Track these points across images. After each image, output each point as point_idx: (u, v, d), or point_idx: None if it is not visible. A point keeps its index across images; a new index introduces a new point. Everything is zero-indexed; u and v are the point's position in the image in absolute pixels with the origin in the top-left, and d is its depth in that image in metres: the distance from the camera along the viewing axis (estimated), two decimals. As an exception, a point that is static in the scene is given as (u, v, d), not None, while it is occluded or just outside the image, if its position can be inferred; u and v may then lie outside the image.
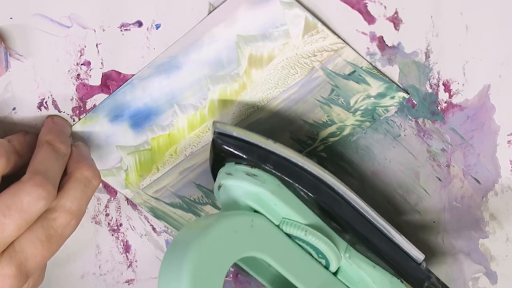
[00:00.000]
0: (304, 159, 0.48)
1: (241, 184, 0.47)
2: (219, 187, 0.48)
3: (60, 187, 0.46)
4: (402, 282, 0.51)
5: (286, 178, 0.47)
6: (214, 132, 0.48)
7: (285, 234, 0.47)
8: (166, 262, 0.43)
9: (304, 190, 0.47)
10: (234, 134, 0.47)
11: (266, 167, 0.47)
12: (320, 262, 0.49)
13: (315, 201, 0.48)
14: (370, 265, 0.50)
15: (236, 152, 0.47)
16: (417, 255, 0.50)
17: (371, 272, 0.50)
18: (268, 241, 0.46)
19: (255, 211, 0.47)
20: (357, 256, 0.49)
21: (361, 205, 0.49)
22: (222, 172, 0.48)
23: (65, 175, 0.47)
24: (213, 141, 0.48)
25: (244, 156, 0.47)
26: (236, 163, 0.48)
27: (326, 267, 0.49)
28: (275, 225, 0.47)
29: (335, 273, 0.50)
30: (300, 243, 0.48)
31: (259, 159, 0.47)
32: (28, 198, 0.42)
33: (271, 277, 0.53)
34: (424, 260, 0.51)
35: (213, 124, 0.48)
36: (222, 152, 0.48)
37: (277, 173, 0.47)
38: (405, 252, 0.50)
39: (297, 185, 0.47)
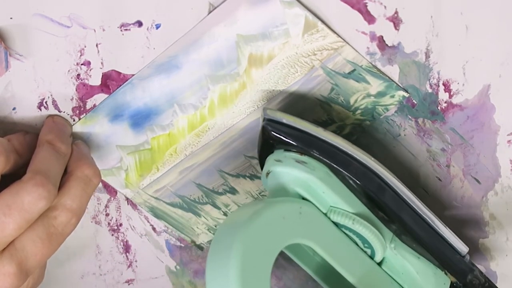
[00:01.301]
0: (354, 147, 0.48)
1: (290, 171, 0.47)
2: (268, 173, 0.48)
3: (60, 186, 0.46)
4: (446, 274, 0.51)
5: (335, 166, 0.47)
6: (264, 119, 0.48)
7: (332, 222, 0.47)
8: (215, 246, 0.43)
9: (353, 178, 0.47)
10: (284, 121, 0.47)
11: (316, 155, 0.47)
12: (365, 252, 0.49)
13: (363, 190, 0.48)
14: (415, 256, 0.50)
15: (286, 139, 0.47)
16: (462, 247, 0.50)
17: (416, 263, 0.50)
18: (316, 228, 0.46)
19: (303, 198, 0.47)
20: (402, 247, 0.49)
21: (408, 195, 0.49)
22: (271, 158, 0.48)
23: (65, 173, 0.47)
24: (263, 127, 0.48)
25: (294, 143, 0.47)
26: (285, 150, 0.48)
27: (371, 257, 0.49)
28: (323, 213, 0.47)
29: (379, 263, 0.50)
30: (347, 232, 0.48)
31: (308, 146, 0.47)
32: (29, 197, 0.42)
33: (315, 266, 0.53)
34: (468, 253, 0.51)
35: (263, 111, 0.48)
36: (271, 139, 0.48)
37: (326, 160, 0.47)
38: (450, 244, 0.50)
39: (346, 173, 0.47)
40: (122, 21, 0.48)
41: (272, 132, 0.47)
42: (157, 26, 0.49)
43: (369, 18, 0.50)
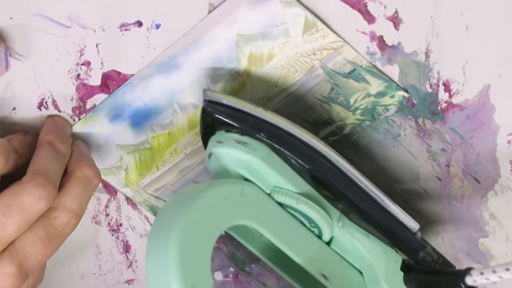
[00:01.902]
0: (295, 126, 0.47)
1: (231, 152, 0.46)
2: (210, 155, 0.47)
3: (60, 186, 0.46)
4: (397, 252, 0.50)
5: (277, 146, 0.46)
6: (204, 100, 0.47)
7: (277, 202, 0.47)
8: (155, 228, 0.42)
9: (295, 158, 0.47)
10: (224, 101, 0.47)
11: (257, 135, 0.46)
12: (312, 232, 0.48)
13: (306, 169, 0.47)
14: (364, 234, 0.49)
15: (226, 119, 0.47)
16: (412, 224, 0.50)
17: (365, 241, 0.49)
18: (259, 209, 0.46)
19: (246, 179, 0.47)
20: (350, 225, 0.49)
21: (354, 173, 0.48)
22: (212, 140, 0.47)
23: (65, 174, 0.47)
24: (203, 109, 0.47)
25: (234, 124, 0.47)
26: (226, 131, 0.47)
27: (319, 237, 0.49)
28: (266, 193, 0.47)
29: (328, 243, 0.49)
30: (292, 212, 0.47)
31: (249, 126, 0.46)
32: (29, 198, 0.42)
33: (262, 246, 0.52)
34: (419, 229, 0.50)
35: (203, 92, 0.48)
36: (212, 120, 0.47)
37: (268, 141, 0.46)
38: (400, 222, 0.49)
39: (288, 153, 0.46)
40: (122, 21, 0.48)
41: (213, 114, 0.47)
42: (157, 26, 0.49)
43: (369, 18, 0.50)
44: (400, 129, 0.54)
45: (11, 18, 0.47)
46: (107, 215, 0.56)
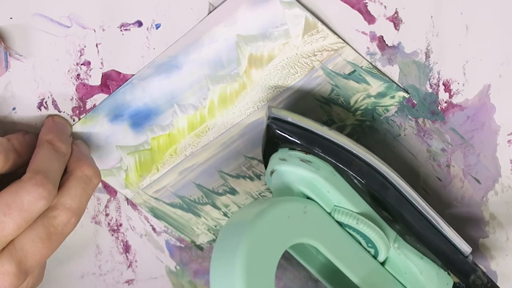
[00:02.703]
0: (359, 146, 0.47)
1: (295, 170, 0.46)
2: (272, 172, 0.48)
3: (60, 185, 0.46)
4: (449, 274, 0.51)
5: (340, 165, 0.47)
6: (269, 117, 0.47)
7: (336, 221, 0.47)
8: (220, 247, 0.43)
9: (357, 177, 0.47)
10: (289, 119, 0.47)
11: (320, 154, 0.47)
12: (369, 251, 0.49)
13: (367, 189, 0.47)
14: (418, 256, 0.49)
15: (290, 137, 0.47)
16: (465, 248, 0.50)
17: (419, 263, 0.49)
18: (320, 228, 0.46)
19: (308, 197, 0.47)
20: (405, 247, 0.49)
21: (412, 195, 0.48)
22: (275, 157, 0.48)
23: (65, 173, 0.47)
24: (268, 126, 0.47)
25: (299, 142, 0.47)
26: (290, 148, 0.47)
27: (375, 257, 0.49)
28: (327, 212, 0.47)
29: (383, 263, 0.50)
30: (351, 231, 0.48)
31: (313, 145, 0.47)
32: (29, 197, 0.42)
33: (319, 265, 0.53)
34: (471, 253, 0.51)
35: (268, 109, 0.48)
36: (276, 138, 0.47)
37: (331, 159, 0.47)
38: (453, 244, 0.50)
39: (350, 172, 0.47)
40: (122, 21, 0.48)
41: (277, 131, 0.47)
42: (157, 26, 0.49)
43: (369, 18, 0.50)
44: (400, 129, 0.54)
45: (11, 18, 0.47)
46: (107, 215, 0.56)
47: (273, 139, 0.48)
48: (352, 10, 0.49)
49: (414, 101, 0.53)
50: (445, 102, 0.53)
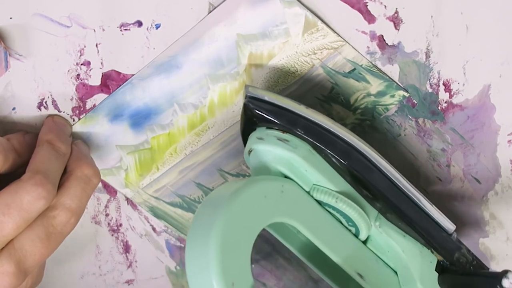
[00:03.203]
0: (337, 125, 0.47)
1: (272, 149, 0.46)
2: (250, 151, 0.47)
3: (60, 185, 0.46)
4: (433, 252, 0.50)
5: (318, 144, 0.46)
6: (246, 96, 0.47)
7: (316, 200, 0.47)
8: (195, 225, 0.42)
9: (336, 156, 0.46)
10: (266, 98, 0.47)
11: (298, 132, 0.46)
12: (349, 230, 0.48)
13: (346, 168, 0.47)
14: (400, 234, 0.49)
15: (267, 116, 0.47)
16: (448, 225, 0.50)
17: (401, 241, 0.49)
18: (298, 207, 0.46)
19: (286, 176, 0.46)
20: (387, 225, 0.49)
21: (393, 173, 0.48)
22: (253, 136, 0.47)
23: (65, 173, 0.47)
24: (245, 105, 0.47)
25: (276, 121, 0.46)
26: (267, 127, 0.47)
27: (356, 235, 0.49)
28: (306, 191, 0.46)
29: (364, 242, 0.49)
30: (330, 210, 0.47)
31: (291, 124, 0.46)
32: (28, 197, 0.42)
33: (300, 244, 0.52)
34: (455, 231, 0.50)
35: (245, 88, 0.48)
36: (253, 117, 0.47)
37: (308, 138, 0.46)
38: (436, 222, 0.49)
39: (328, 151, 0.46)
40: (122, 21, 0.48)
41: (254, 110, 0.47)
42: (157, 26, 0.49)
43: (369, 18, 0.50)
44: (400, 129, 0.54)
45: (11, 18, 0.47)
46: (107, 215, 0.56)
47: (251, 118, 0.47)
48: (352, 10, 0.49)
49: (414, 101, 0.53)
50: (445, 102, 0.53)
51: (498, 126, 0.54)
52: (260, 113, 0.47)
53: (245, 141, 0.49)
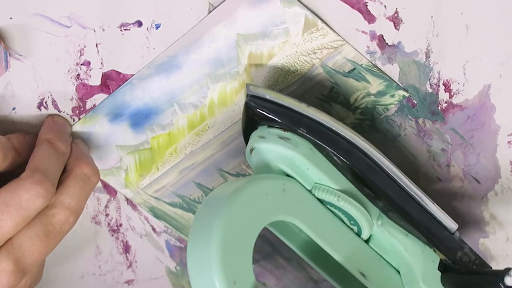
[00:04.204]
0: (338, 123, 0.47)
1: (273, 147, 0.46)
2: (251, 150, 0.47)
3: (59, 184, 0.46)
4: (435, 251, 0.50)
5: (319, 142, 0.46)
6: (247, 95, 0.47)
7: (317, 199, 0.47)
8: (197, 224, 0.42)
9: (337, 154, 0.47)
10: (267, 97, 0.47)
11: (299, 131, 0.46)
12: (352, 229, 0.48)
13: (348, 166, 0.47)
14: (403, 233, 0.49)
15: (269, 115, 0.47)
16: (451, 224, 0.50)
17: (404, 240, 0.49)
18: (300, 205, 0.46)
19: (288, 175, 0.46)
20: (389, 224, 0.49)
21: (395, 172, 0.48)
22: (254, 135, 0.47)
23: (64, 172, 0.47)
24: (246, 103, 0.47)
25: (277, 119, 0.46)
26: (269, 126, 0.47)
27: (358, 234, 0.49)
28: (307, 190, 0.47)
29: (367, 241, 0.49)
30: (332, 208, 0.47)
31: (292, 122, 0.46)
32: (27, 195, 0.42)
33: (301, 243, 0.52)
34: (457, 229, 0.50)
35: (246, 87, 0.48)
36: (255, 115, 0.47)
37: (310, 137, 0.46)
38: (438, 221, 0.49)
39: (330, 149, 0.46)
40: (122, 21, 0.48)
41: (256, 108, 0.47)
42: (157, 26, 0.49)
43: (369, 18, 0.50)
44: (400, 129, 0.54)
45: (11, 18, 0.47)
46: (107, 215, 0.56)
47: (252, 116, 0.47)
48: (352, 10, 0.50)
49: (414, 101, 0.53)
50: (445, 102, 0.53)
51: (498, 126, 0.54)
52: (261, 111, 0.47)
53: (246, 140, 0.49)
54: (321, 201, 0.47)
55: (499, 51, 0.52)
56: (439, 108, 0.53)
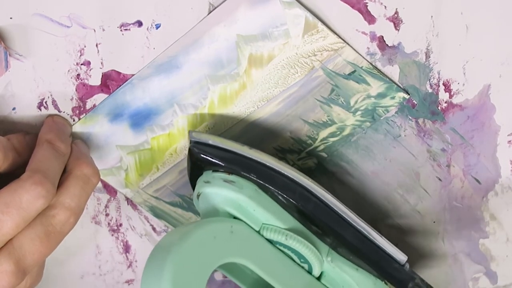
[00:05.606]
0: (280, 163, 0.48)
1: (219, 191, 0.47)
2: (198, 195, 0.48)
3: (59, 184, 0.46)
4: (386, 284, 0.51)
5: (263, 183, 0.47)
6: (190, 141, 0.48)
7: (266, 239, 0.47)
8: (148, 269, 0.43)
9: (282, 194, 0.47)
10: (210, 142, 0.48)
11: (243, 173, 0.47)
12: (302, 267, 0.49)
13: (293, 205, 0.48)
14: (353, 267, 0.50)
15: (212, 159, 0.48)
16: (400, 256, 0.50)
17: (354, 275, 0.50)
18: (249, 246, 0.46)
19: (235, 217, 0.47)
20: (339, 259, 0.49)
21: (340, 208, 0.49)
22: (200, 180, 0.48)
23: (64, 172, 0.47)
24: (190, 150, 0.48)
25: (221, 163, 0.48)
26: (213, 170, 0.48)
27: (309, 272, 0.49)
28: (255, 230, 0.47)
29: (318, 278, 0.50)
30: (282, 248, 0.48)
31: (235, 165, 0.47)
32: (27, 196, 0.42)
33: (253, 283, 0.52)
34: (407, 261, 0.51)
35: (188, 134, 0.49)
36: (199, 161, 0.48)
37: (254, 178, 0.47)
38: (388, 254, 0.50)
39: (274, 189, 0.47)
40: (122, 21, 0.48)
41: (199, 154, 0.48)
42: (157, 26, 0.49)
43: (369, 18, 0.50)
44: (400, 129, 0.54)
45: (11, 18, 0.47)
46: (107, 215, 0.56)
47: (197, 162, 0.48)
48: (352, 10, 0.49)
49: (414, 101, 0.53)
50: (445, 102, 0.53)
51: (498, 126, 0.54)
52: (205, 156, 0.48)
53: (193, 186, 0.50)
54: (270, 241, 0.48)
55: (499, 51, 0.52)
56: (439, 108, 0.53)
